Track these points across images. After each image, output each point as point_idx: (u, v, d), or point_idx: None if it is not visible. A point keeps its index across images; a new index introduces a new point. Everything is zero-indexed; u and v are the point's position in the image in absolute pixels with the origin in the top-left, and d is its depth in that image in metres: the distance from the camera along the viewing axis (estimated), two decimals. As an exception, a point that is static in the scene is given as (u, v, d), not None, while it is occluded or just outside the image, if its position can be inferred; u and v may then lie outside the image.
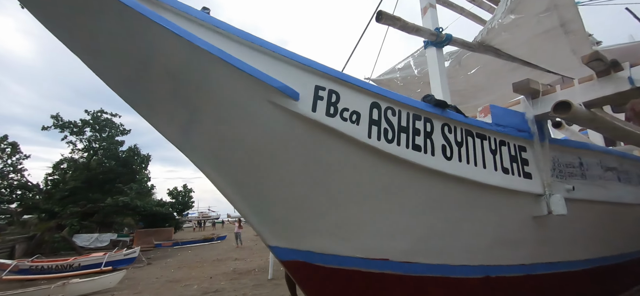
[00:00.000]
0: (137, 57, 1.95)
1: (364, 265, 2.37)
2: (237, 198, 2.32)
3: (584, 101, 2.43)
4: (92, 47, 1.97)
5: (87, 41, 1.95)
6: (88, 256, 12.58)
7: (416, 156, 2.25)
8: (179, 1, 1.91)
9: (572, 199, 2.80)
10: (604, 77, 2.35)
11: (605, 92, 2.32)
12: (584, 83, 2.49)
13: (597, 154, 3.18)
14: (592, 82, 2.44)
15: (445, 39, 4.18)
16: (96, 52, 2.00)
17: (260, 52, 2.03)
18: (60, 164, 20.28)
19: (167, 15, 1.84)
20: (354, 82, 2.19)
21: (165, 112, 2.18)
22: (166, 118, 2.21)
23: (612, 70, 2.29)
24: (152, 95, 2.12)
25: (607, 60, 2.25)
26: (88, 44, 1.96)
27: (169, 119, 2.20)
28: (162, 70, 1.99)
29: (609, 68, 2.29)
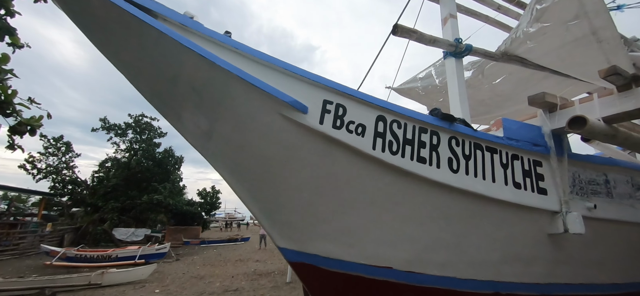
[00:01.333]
0: (168, 74, 2.24)
1: (367, 272, 2.45)
2: (251, 201, 2.52)
3: (603, 116, 2.32)
4: (132, 63, 2.30)
5: (129, 59, 2.28)
6: (124, 249, 13.62)
7: (421, 168, 2.30)
8: (205, 27, 2.17)
9: (594, 218, 2.67)
10: (625, 91, 2.24)
11: (627, 107, 2.21)
12: (604, 97, 2.38)
13: (626, 171, 2.98)
14: (613, 97, 2.33)
15: (464, 49, 4.14)
16: (135, 68, 2.33)
17: (273, 70, 2.23)
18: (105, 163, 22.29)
19: (195, 39, 2.11)
20: (361, 97, 2.30)
21: (190, 122, 2.45)
22: (191, 127, 2.48)
23: (633, 85, 2.18)
24: (179, 106, 2.41)
25: (628, 74, 2.15)
26: (129, 61, 2.30)
27: (193, 127, 2.47)
28: (188, 86, 2.26)
29: (629, 82, 2.19)
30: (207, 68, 2.11)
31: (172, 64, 2.17)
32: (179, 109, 2.43)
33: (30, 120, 6.33)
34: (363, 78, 5.53)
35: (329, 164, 2.30)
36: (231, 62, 2.12)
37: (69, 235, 16.92)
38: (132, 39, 2.11)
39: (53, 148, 19.07)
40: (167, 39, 2.02)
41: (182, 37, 2.04)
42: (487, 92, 5.90)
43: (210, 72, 2.13)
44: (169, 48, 2.07)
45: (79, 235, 17.40)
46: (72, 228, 17.69)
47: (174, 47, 2.05)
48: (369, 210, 2.40)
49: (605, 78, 2.18)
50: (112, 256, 12.91)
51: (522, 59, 4.66)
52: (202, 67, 2.11)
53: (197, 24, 2.15)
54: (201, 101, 2.31)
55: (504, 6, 5.35)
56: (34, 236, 15.33)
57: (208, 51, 2.08)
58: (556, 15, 4.00)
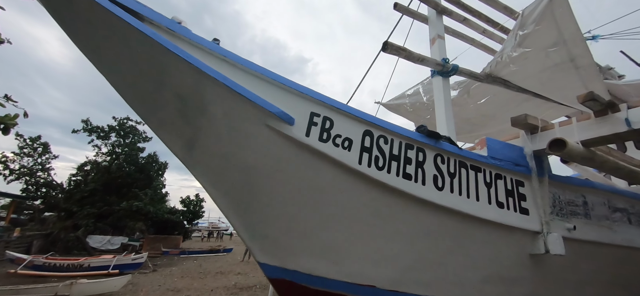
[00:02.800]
0: (153, 79, 2.16)
1: (349, 290, 2.37)
2: (232, 213, 2.42)
3: (581, 139, 2.40)
4: (114, 66, 2.21)
5: (111, 62, 2.19)
6: (98, 258, 12.92)
7: (406, 184, 2.29)
8: (193, 33, 2.12)
9: (573, 239, 2.71)
10: (602, 116, 2.33)
11: (602, 132, 2.29)
12: (582, 121, 2.47)
13: (603, 193, 3.07)
14: (590, 121, 2.41)
15: (451, 69, 4.24)
16: (118, 71, 2.23)
17: (261, 80, 2.19)
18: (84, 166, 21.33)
19: (182, 45, 2.05)
20: (348, 110, 2.29)
21: (173, 128, 2.35)
22: (173, 134, 2.38)
23: (609, 111, 2.27)
24: (163, 112, 2.31)
25: (604, 100, 2.24)
26: (112, 64, 2.20)
27: (175, 135, 2.38)
28: (173, 92, 2.18)
29: (606, 108, 2.27)
30: (193, 75, 2.05)
31: (157, 69, 2.09)
32: (162, 115, 2.33)
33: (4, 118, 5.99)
34: (353, 92, 5.57)
35: (314, 177, 2.24)
36: (218, 70, 2.07)
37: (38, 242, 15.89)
38: (117, 41, 2.03)
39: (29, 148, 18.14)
40: (153, 43, 1.96)
41: (169, 42, 1.98)
42: (473, 111, 6.06)
43: (197, 79, 2.07)
44: (155, 53, 2.00)
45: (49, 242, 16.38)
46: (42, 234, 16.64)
47: (160, 52, 1.98)
48: (353, 226, 2.35)
49: (584, 103, 2.26)
50: (84, 266, 12.20)
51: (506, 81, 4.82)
52: (188, 73, 2.05)
53: (184, 30, 2.10)
54: (186, 108, 2.23)
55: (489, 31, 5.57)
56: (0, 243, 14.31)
57: (195, 58, 2.02)
58: (537, 42, 4.19)
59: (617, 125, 2.22)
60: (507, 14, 5.55)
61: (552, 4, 3.98)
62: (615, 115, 2.25)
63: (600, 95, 2.24)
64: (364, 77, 5.85)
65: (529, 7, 4.17)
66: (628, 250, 3.03)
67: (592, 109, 2.35)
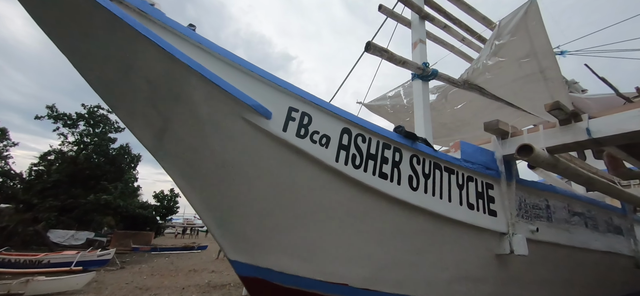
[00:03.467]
0: (121, 63, 2.01)
1: (323, 289, 2.35)
2: (203, 208, 2.32)
3: (547, 146, 2.53)
4: (78, 48, 2.03)
5: (75, 42, 2.00)
6: (58, 254, 12.09)
7: (382, 184, 2.30)
8: (167, 16, 1.99)
9: (536, 241, 2.86)
10: (566, 125, 2.47)
11: (566, 140, 2.43)
12: (548, 129, 2.61)
13: (564, 198, 3.27)
14: (555, 129, 2.55)
15: (431, 73, 4.34)
16: (82, 53, 2.05)
17: (238, 71, 2.10)
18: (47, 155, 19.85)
19: (154, 28, 1.92)
20: (327, 107, 2.26)
21: (142, 117, 2.21)
22: (142, 123, 2.23)
23: (572, 120, 2.41)
24: (131, 100, 2.16)
25: (568, 110, 2.38)
26: (75, 45, 2.02)
27: (144, 124, 2.23)
28: (142, 78, 2.04)
29: (570, 117, 2.41)
30: (165, 61, 1.92)
31: (126, 52, 1.94)
32: (130, 103, 2.18)
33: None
34: (335, 91, 5.58)
35: (290, 174, 2.20)
36: (193, 57, 1.96)
37: (-10, 235, 14.60)
38: (81, 20, 1.86)
39: (-19, 134, 16.61)
40: (121, 25, 1.81)
41: (139, 24, 1.84)
42: (449, 116, 6.26)
43: (169, 66, 1.94)
44: (124, 35, 1.86)
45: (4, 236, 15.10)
46: (-5, 228, 15.32)
47: (130, 34, 1.84)
48: (328, 224, 2.33)
49: (550, 111, 2.39)
50: (43, 262, 11.34)
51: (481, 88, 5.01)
52: (160, 59, 1.92)
53: (157, 12, 1.97)
54: (156, 96, 2.10)
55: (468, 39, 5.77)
56: (-57, 236, 12.98)
57: (168, 43, 1.90)
58: (511, 52, 4.39)
59: (579, 134, 2.36)
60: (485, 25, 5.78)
61: (527, 17, 4.19)
62: (577, 124, 2.39)
63: (566, 105, 2.37)
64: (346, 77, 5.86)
65: (506, 18, 4.36)
66: (584, 251, 3.25)
67: (557, 118, 2.49)
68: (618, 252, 3.81)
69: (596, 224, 3.59)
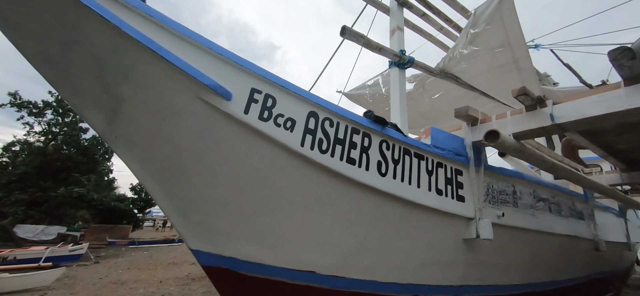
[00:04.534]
0: (63, 37, 1.81)
1: (289, 276, 2.30)
2: (162, 196, 2.18)
3: (513, 132, 2.56)
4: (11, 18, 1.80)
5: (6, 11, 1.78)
6: (26, 250, 11.45)
7: (349, 169, 2.24)
8: None
9: (501, 225, 2.92)
10: (532, 111, 2.50)
11: (532, 125, 2.47)
12: (515, 115, 2.64)
13: (530, 184, 3.36)
14: (522, 115, 2.59)
15: (407, 61, 4.31)
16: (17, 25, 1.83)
17: (196, 47, 1.96)
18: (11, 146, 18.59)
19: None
20: (293, 89, 2.16)
21: (89, 98, 2.02)
22: (90, 104, 2.04)
23: (538, 106, 2.45)
24: (76, 78, 1.96)
25: (534, 96, 2.40)
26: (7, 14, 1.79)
27: (93, 106, 2.04)
28: (87, 54, 1.85)
29: (535, 103, 2.45)
30: (111, 34, 1.75)
31: (67, 25, 1.75)
32: (76, 82, 1.98)
33: None
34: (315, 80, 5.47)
35: (253, 159, 2.10)
36: (142, 31, 1.79)
37: (-51, 232, 13.60)
38: None
39: None
40: None
41: None
42: (427, 106, 6.32)
43: (116, 40, 1.77)
44: (62, 4, 1.66)
45: (-36, 232, 14.13)
46: (-45, 223, 14.28)
47: (68, 3, 1.65)
48: (294, 211, 2.26)
49: (517, 97, 2.41)
50: (9, 259, 10.74)
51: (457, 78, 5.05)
52: (105, 32, 1.74)
53: None
54: (104, 74, 1.92)
55: (445, 28, 5.79)
56: None
57: (113, 14, 1.72)
58: (486, 41, 4.43)
59: (544, 120, 2.40)
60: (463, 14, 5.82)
61: (501, 5, 4.22)
62: (542, 110, 2.43)
63: (532, 91, 2.40)
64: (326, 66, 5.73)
65: (481, 7, 4.38)
66: (547, 235, 3.38)
67: (524, 104, 2.52)
68: (580, 236, 4.00)
69: (560, 209, 3.74)
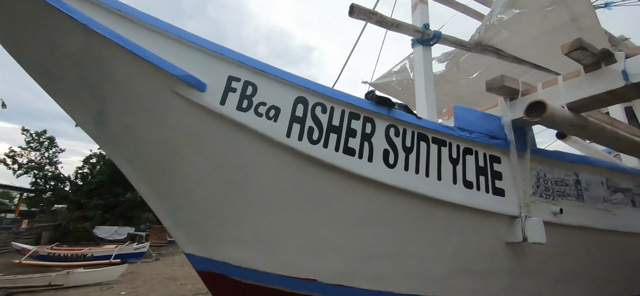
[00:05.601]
0: (45, 41, 1.83)
1: (287, 284, 2.04)
2: (151, 197, 2.11)
3: (569, 102, 1.93)
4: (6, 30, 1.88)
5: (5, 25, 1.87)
6: (100, 248, 13.16)
7: (347, 161, 1.91)
8: None
9: (559, 225, 2.28)
10: (594, 71, 1.85)
11: (594, 90, 1.82)
12: (570, 79, 1.99)
13: (602, 171, 2.58)
14: (579, 79, 1.93)
15: (432, 36, 3.74)
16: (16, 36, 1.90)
17: (166, 38, 1.83)
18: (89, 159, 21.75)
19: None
20: (276, 74, 1.91)
21: (77, 101, 2.03)
22: (79, 108, 2.06)
23: (603, 63, 1.79)
24: (63, 82, 1.99)
25: (596, 49, 1.76)
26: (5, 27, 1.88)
27: (81, 109, 2.06)
28: (66, 55, 1.85)
29: (599, 60, 1.79)
30: (82, 33, 1.71)
31: (44, 28, 1.76)
32: (64, 86, 2.01)
33: (-24, 110, 5.83)
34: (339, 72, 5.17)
35: (236, 154, 1.89)
36: (111, 27, 1.71)
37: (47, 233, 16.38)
38: None
39: (35, 142, 18.55)
40: None
41: None
42: (466, 88, 5.52)
43: (87, 38, 1.73)
44: (37, 7, 1.66)
45: (59, 233, 16.87)
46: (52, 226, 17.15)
47: (38, 5, 1.64)
48: (287, 211, 2.00)
49: (569, 54, 1.79)
50: (87, 256, 12.42)
51: (498, 50, 4.28)
52: (75, 31, 1.71)
53: None
54: (85, 75, 1.90)
55: (481, -7, 4.98)
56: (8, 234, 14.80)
57: (78, 11, 1.67)
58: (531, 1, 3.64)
59: (612, 80, 1.74)
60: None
61: (549, -49, 3.42)
62: (610, 67, 1.77)
63: (591, 44, 1.76)
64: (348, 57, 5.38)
65: (523, -42, 3.61)
66: (630, 236, 2.56)
67: (581, 62, 1.87)
68: None
69: (649, 202, 2.84)
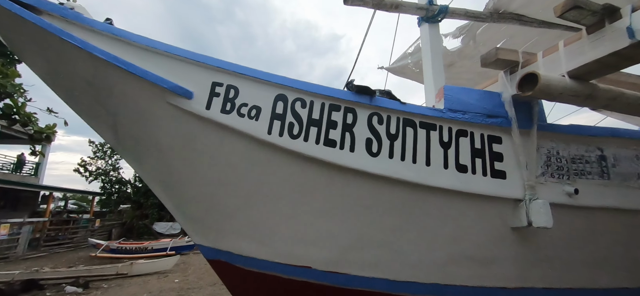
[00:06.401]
0: (64, 69, 2.17)
1: (284, 271, 2.18)
2: (162, 194, 2.39)
3: (570, 70, 1.71)
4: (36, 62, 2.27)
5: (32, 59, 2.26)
6: (158, 241, 14.81)
7: (327, 152, 1.95)
8: (85, 16, 2.04)
9: (578, 207, 2.06)
10: (597, 31, 1.60)
11: (597, 54, 1.57)
12: (571, 44, 1.75)
13: (634, 143, 2.24)
14: (581, 42, 1.68)
15: (438, 11, 3.54)
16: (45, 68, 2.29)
17: (157, 54, 2.04)
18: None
19: (75, 30, 1.99)
20: (255, 75, 2.01)
21: (97, 117, 2.37)
22: (100, 123, 2.40)
23: (607, 20, 1.55)
24: (84, 102, 2.33)
25: (596, 5, 1.52)
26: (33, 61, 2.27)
27: (101, 123, 2.39)
28: (83, 80, 2.17)
29: (602, 18, 1.55)
30: (88, 58, 1.99)
31: (61, 57, 2.09)
32: (85, 104, 2.36)
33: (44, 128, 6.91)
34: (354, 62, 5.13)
35: (224, 153, 2.06)
36: (110, 51, 1.97)
37: (116, 230, 18.91)
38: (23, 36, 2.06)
39: (100, 152, 21.35)
40: (46, 33, 1.94)
41: (55, 27, 1.93)
42: (490, 62, 5.06)
43: (92, 63, 2.01)
44: (53, 42, 1.98)
45: (125, 229, 19.35)
46: (119, 223, 19.75)
47: (55, 39, 1.96)
48: (277, 204, 2.12)
49: (563, 16, 1.57)
50: (148, 248, 14.11)
51: (520, 16, 3.89)
52: (83, 57, 2.00)
53: (76, 14, 2.03)
54: (98, 94, 2.21)
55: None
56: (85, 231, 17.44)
57: (83, 40, 1.94)
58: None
59: (616, 40, 1.49)
60: None
61: None
62: (614, 25, 1.52)
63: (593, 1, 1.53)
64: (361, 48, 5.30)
65: None
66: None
67: (581, 23, 1.64)
68: None
69: None
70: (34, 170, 18.66)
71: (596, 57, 1.57)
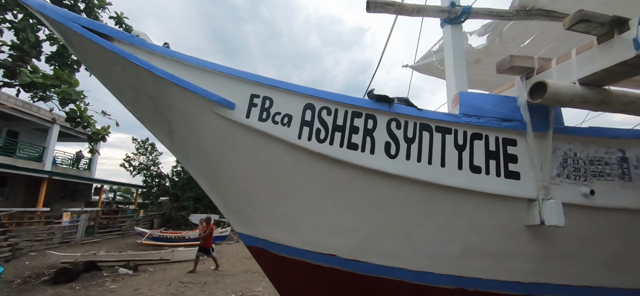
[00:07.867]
0: (132, 87, 2.63)
1: (312, 258, 2.49)
2: (210, 190, 2.80)
3: (581, 77, 1.80)
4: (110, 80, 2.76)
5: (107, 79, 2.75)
6: (194, 232, 16.00)
7: (350, 155, 2.21)
8: (147, 42, 2.46)
9: (595, 207, 2.14)
10: (607, 41, 1.68)
11: (605, 63, 1.65)
12: (583, 53, 1.83)
13: (660, 145, 2.23)
14: (591, 51, 1.76)
15: (461, 13, 3.61)
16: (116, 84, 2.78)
17: (205, 72, 2.41)
18: (181, 159, 26.24)
19: (140, 54, 2.42)
20: (287, 87, 2.32)
21: (156, 124, 2.82)
22: (158, 129, 2.85)
23: (616, 31, 1.62)
24: (146, 112, 2.79)
25: (604, 18, 1.61)
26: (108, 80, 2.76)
27: (160, 129, 2.84)
28: (146, 96, 2.61)
29: (612, 29, 1.63)
30: (150, 77, 2.41)
31: (129, 77, 2.53)
32: (147, 114, 2.81)
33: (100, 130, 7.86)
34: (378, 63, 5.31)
35: (261, 155, 2.39)
36: (168, 70, 2.37)
37: (157, 220, 20.66)
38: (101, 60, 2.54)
39: (142, 148, 23.31)
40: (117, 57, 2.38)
41: (125, 51, 2.36)
42: (519, 58, 4.95)
43: (154, 81, 2.43)
44: (122, 64, 2.43)
45: (165, 220, 21.06)
46: (159, 214, 21.52)
47: (125, 62, 2.40)
48: (307, 199, 2.42)
49: (572, 28, 1.67)
50: (185, 238, 15.33)
51: (549, 12, 3.83)
52: (147, 76, 2.42)
53: (141, 41, 2.45)
54: (158, 106, 2.65)
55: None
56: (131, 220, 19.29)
57: (146, 62, 2.36)
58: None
59: (623, 51, 1.57)
60: None
61: None
62: (622, 36, 1.59)
63: (597, 13, 1.62)
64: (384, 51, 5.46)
65: None
66: None
67: (591, 34, 1.72)
68: None
69: None
70: (88, 165, 20.92)
71: (605, 66, 1.66)
